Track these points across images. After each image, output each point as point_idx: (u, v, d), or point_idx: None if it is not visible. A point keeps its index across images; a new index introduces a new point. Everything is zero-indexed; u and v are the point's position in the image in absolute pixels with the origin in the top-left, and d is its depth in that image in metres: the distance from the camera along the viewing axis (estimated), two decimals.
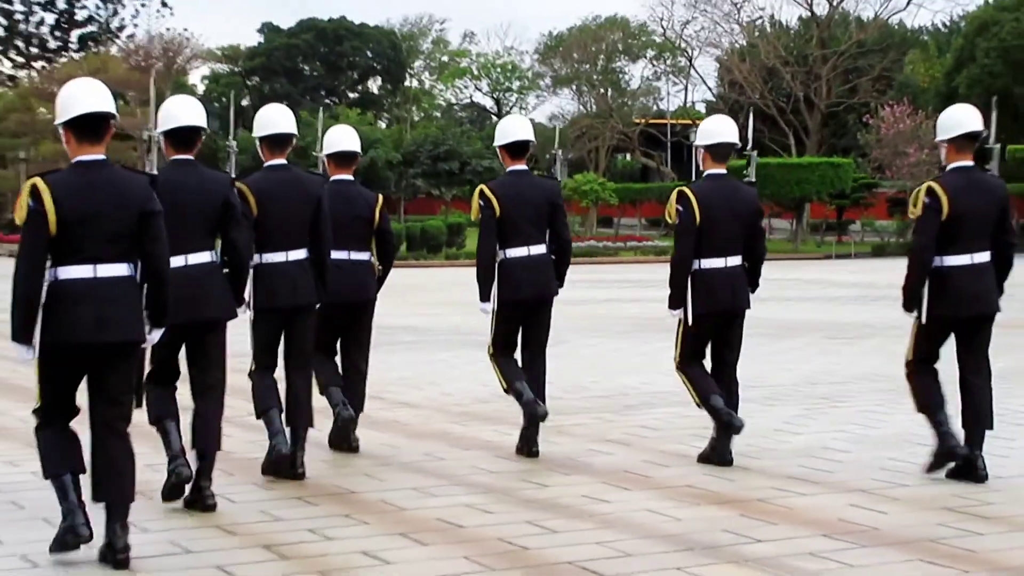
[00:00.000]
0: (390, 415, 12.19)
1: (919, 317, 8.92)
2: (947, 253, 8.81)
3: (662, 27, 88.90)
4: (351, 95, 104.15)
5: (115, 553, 6.85)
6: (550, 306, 10.27)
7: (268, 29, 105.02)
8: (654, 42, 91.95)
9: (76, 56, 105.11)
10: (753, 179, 10.55)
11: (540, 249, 10.06)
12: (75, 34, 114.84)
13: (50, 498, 7.24)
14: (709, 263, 9.47)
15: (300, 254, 9.16)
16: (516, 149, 10.17)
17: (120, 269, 6.96)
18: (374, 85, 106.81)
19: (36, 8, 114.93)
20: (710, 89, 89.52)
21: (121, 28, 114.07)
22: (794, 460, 9.91)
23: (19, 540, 7.50)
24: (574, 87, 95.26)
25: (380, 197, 10.36)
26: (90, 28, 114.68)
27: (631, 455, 10.15)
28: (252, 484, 9.09)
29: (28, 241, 6.80)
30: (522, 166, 10.15)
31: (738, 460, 9.78)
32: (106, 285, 6.89)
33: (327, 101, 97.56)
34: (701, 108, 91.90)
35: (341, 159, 10.19)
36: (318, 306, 9.29)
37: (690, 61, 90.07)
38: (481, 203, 9.97)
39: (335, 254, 9.52)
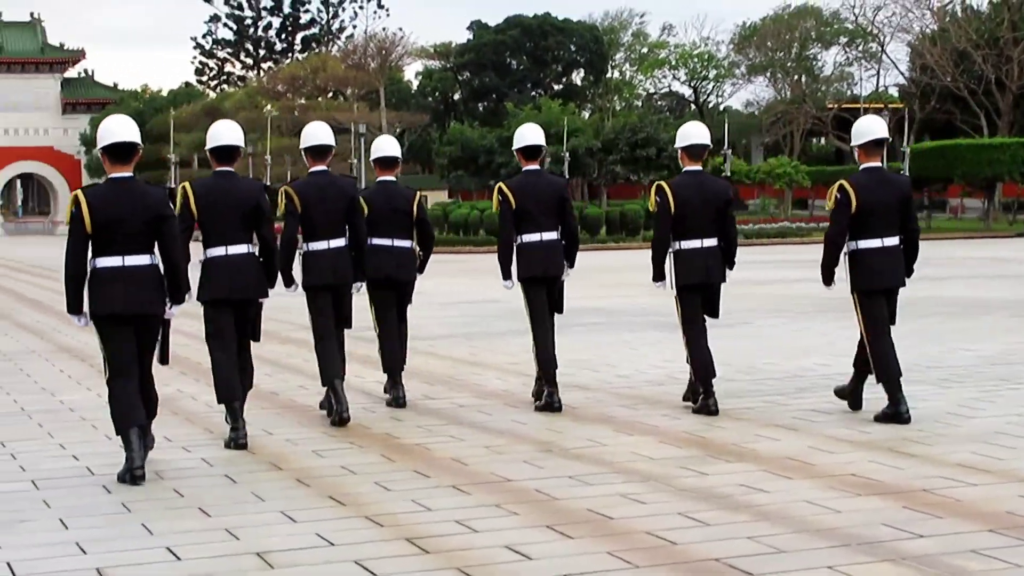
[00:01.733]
0: (562, 398, 11.66)
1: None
2: (860, 238, 10.08)
3: (854, 14, 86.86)
4: (556, 87, 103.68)
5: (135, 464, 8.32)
6: (561, 282, 11.21)
7: (477, 26, 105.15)
8: (846, 29, 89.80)
9: (300, 57, 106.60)
10: (729, 174, 11.63)
11: (552, 235, 11.01)
12: (299, 36, 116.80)
13: (209, 485, 7.75)
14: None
15: (340, 242, 10.64)
16: (530, 152, 11.18)
17: (143, 259, 8.46)
18: (577, 77, 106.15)
19: (264, 13, 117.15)
20: (902, 73, 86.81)
21: (341, 29, 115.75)
22: (965, 446, 9.07)
23: (168, 530, 7.14)
24: (768, 74, 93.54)
25: (417, 193, 11.64)
26: (312, 30, 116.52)
27: (797, 441, 9.42)
28: (412, 472, 8.62)
29: (72, 238, 8.40)
30: (535, 166, 11.17)
31: (907, 446, 9.04)
32: (132, 271, 8.41)
33: (533, 93, 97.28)
34: (894, 92, 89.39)
35: (384, 163, 11.49)
36: (364, 284, 11.07)
37: (882, 47, 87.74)
38: (500, 198, 11.02)
39: (380, 240, 11.18)
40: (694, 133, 10.87)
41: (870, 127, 10.16)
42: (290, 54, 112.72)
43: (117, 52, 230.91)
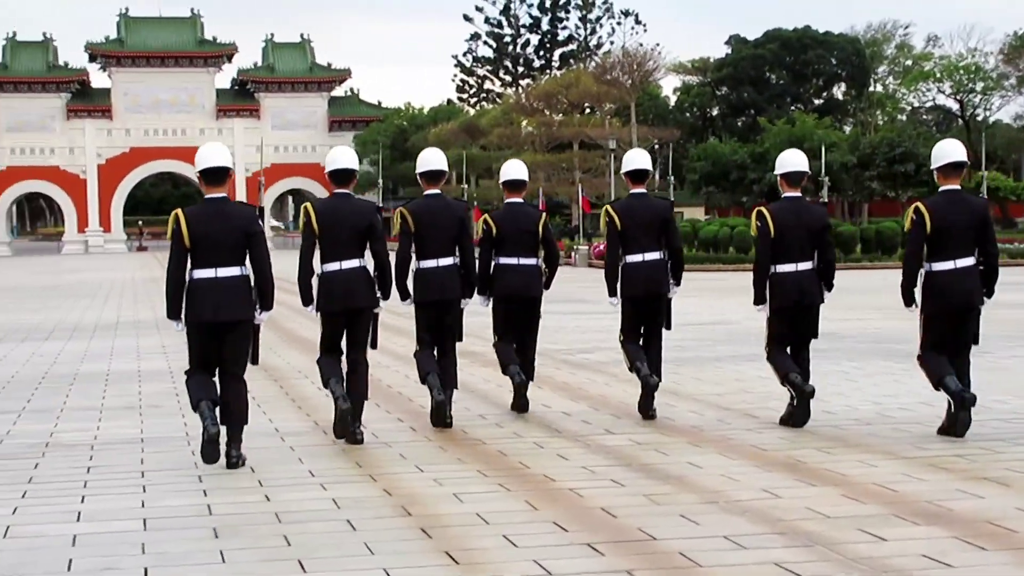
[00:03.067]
0: (754, 434, 10.52)
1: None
2: (935, 260, 10.22)
3: None
4: (816, 101, 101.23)
5: (228, 459, 9.35)
6: (665, 300, 11.64)
7: (735, 41, 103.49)
8: None
9: (557, 73, 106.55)
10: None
11: (655, 255, 11.53)
12: (557, 53, 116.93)
13: (323, 531, 6.39)
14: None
15: (448, 261, 11.18)
16: (637, 176, 11.75)
17: (234, 271, 9.41)
18: (838, 91, 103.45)
19: (523, 30, 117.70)
20: None
21: (599, 46, 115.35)
22: None
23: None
24: None
25: (544, 215, 12.22)
26: (570, 47, 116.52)
27: (1005, 500, 8.07)
28: (550, 524, 7.64)
29: (173, 251, 9.41)
30: (642, 189, 11.71)
31: None
32: (223, 282, 9.35)
33: (792, 108, 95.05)
34: None
35: (513, 186, 12.06)
36: (492, 299, 11.92)
37: None
38: (607, 220, 11.58)
39: (507, 260, 11.84)
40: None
41: (947, 150, 10.37)
42: (548, 71, 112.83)
43: (381, 70, 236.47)
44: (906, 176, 60.60)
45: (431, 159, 11.37)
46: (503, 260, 11.85)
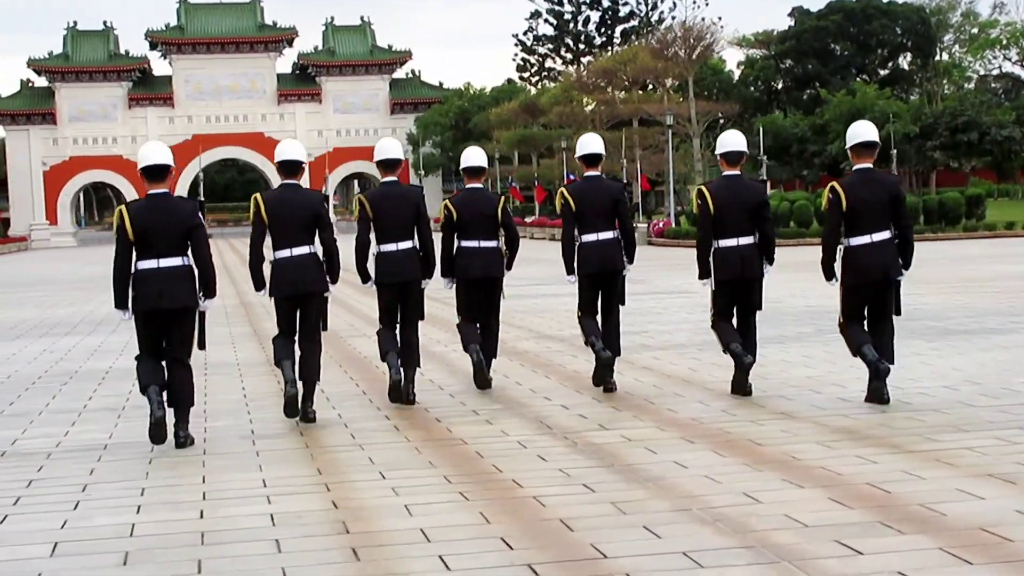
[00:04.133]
0: (756, 426, 9.77)
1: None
2: (852, 235, 10.74)
3: None
4: (881, 72, 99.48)
5: (176, 439, 9.84)
6: (621, 276, 12.17)
7: (799, 13, 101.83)
8: None
9: (619, 51, 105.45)
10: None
11: (608, 235, 12.03)
12: (619, 29, 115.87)
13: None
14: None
15: (407, 244, 11.65)
16: (590, 159, 12.24)
17: (176, 261, 9.85)
18: (904, 61, 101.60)
19: (584, 8, 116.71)
20: None
21: (660, 21, 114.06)
22: None
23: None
24: None
25: (502, 198, 12.67)
26: (632, 23, 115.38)
27: (1006, 502, 7.22)
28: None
29: (118, 244, 9.86)
30: (596, 172, 12.24)
31: None
32: (166, 272, 9.81)
33: (857, 79, 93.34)
34: None
35: (472, 172, 12.60)
36: (455, 281, 12.46)
37: None
38: (563, 201, 12.12)
39: (468, 243, 12.32)
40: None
41: (858, 131, 10.90)
42: (609, 48, 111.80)
43: (442, 51, 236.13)
44: (969, 145, 59.18)
45: (387, 148, 11.94)
46: (464, 243, 12.33)
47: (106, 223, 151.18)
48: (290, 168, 10.81)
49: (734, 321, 11.60)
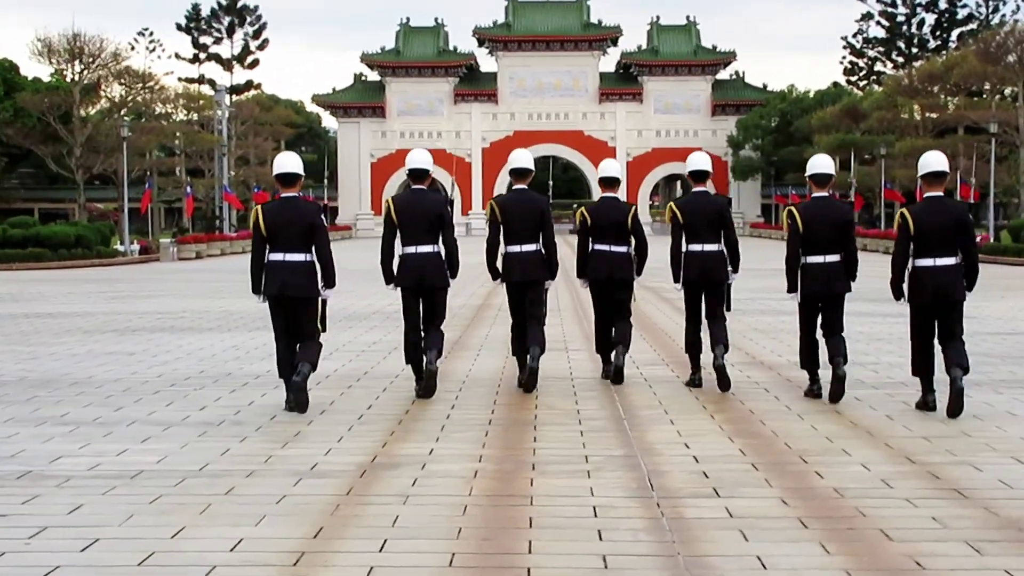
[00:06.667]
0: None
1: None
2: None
3: None
4: None
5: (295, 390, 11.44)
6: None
7: None
8: None
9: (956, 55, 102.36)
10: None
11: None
12: (955, 32, 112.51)
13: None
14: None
15: (531, 247, 13.01)
16: (697, 176, 13.46)
17: (300, 256, 11.67)
18: None
19: (919, 9, 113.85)
20: None
21: (1001, 24, 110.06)
22: None
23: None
24: None
25: (635, 207, 13.66)
26: (970, 26, 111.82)
27: None
28: None
29: (254, 239, 11.86)
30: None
31: None
32: (291, 264, 11.64)
33: None
34: None
35: (607, 183, 13.71)
36: (589, 281, 13.66)
37: None
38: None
39: (600, 246, 13.48)
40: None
41: (928, 161, 11.54)
42: (944, 51, 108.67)
43: (767, 54, 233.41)
44: None
45: (520, 158, 13.22)
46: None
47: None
48: (418, 175, 12.47)
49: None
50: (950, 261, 11.35)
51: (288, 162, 11.87)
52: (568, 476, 8.62)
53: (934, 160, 11.51)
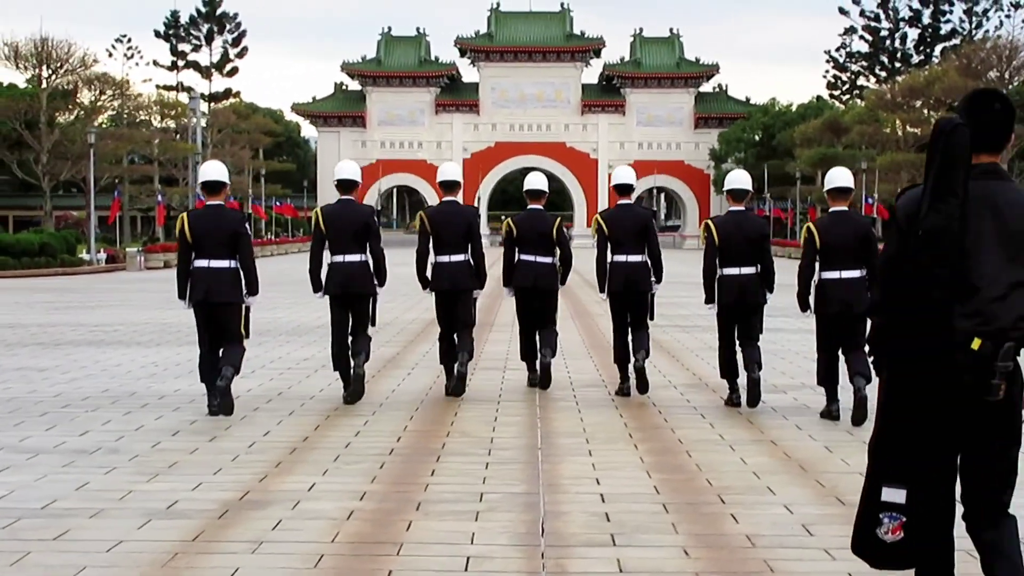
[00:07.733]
0: None
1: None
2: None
3: None
4: None
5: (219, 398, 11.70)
6: (649, 296, 13.39)
7: None
8: None
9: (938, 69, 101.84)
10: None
11: (636, 257, 13.30)
12: (938, 48, 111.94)
13: None
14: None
15: (459, 257, 13.21)
16: (622, 189, 13.61)
17: (224, 263, 11.78)
18: None
19: (902, 24, 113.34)
20: None
21: (984, 40, 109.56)
22: None
23: None
24: None
25: (559, 219, 13.96)
26: (953, 41, 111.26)
27: None
28: None
29: (180, 246, 11.94)
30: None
31: None
32: (215, 271, 11.75)
33: None
34: None
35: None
36: (514, 290, 13.86)
37: None
38: (597, 227, 13.45)
39: (527, 257, 13.65)
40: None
41: (833, 177, 12.01)
42: (926, 67, 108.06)
43: (750, 67, 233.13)
44: None
45: (448, 171, 13.63)
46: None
47: (411, 227, 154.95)
48: (347, 186, 12.80)
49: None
50: (855, 274, 11.71)
51: (213, 170, 12.17)
52: (453, 518, 7.70)
53: (839, 176, 11.99)
